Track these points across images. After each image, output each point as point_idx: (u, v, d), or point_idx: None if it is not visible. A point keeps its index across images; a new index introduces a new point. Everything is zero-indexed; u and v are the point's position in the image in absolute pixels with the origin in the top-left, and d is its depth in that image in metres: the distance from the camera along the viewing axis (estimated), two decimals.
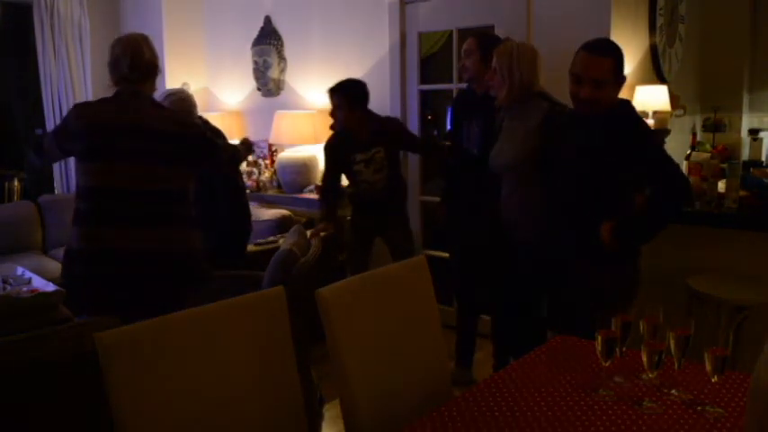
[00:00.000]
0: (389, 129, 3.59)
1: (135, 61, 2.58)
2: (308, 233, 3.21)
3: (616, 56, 2.40)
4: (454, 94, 4.20)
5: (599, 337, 1.60)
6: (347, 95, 3.47)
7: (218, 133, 3.46)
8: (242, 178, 3.62)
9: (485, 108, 3.06)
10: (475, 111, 3.21)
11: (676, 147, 3.95)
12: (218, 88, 5.58)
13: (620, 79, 2.41)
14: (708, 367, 1.53)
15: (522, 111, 2.83)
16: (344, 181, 3.79)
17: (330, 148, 3.67)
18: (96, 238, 2.51)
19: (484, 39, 3.22)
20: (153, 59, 2.65)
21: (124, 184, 2.52)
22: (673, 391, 1.61)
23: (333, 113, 3.55)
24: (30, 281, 3.10)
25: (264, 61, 5.17)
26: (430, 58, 4.47)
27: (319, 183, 4.65)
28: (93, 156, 2.55)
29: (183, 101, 3.30)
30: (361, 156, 3.52)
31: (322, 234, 3.29)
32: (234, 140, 3.56)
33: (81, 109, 2.64)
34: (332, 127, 3.69)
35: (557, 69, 3.51)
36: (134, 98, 2.60)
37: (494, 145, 2.93)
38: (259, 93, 5.29)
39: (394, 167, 3.61)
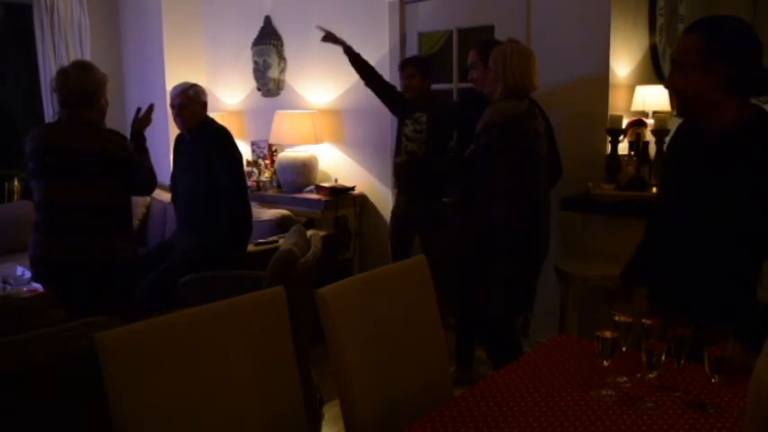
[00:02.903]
0: (440, 102, 3.93)
1: (63, 93, 2.91)
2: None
3: (709, 32, 1.78)
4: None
5: (599, 337, 1.60)
6: (422, 65, 3.81)
7: (223, 133, 3.48)
8: (245, 178, 3.62)
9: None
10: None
11: None
12: (218, 88, 5.58)
13: (714, 61, 1.75)
14: (708, 367, 1.53)
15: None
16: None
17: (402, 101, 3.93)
18: (38, 245, 2.90)
19: (484, 48, 3.24)
20: (87, 88, 2.92)
21: (60, 198, 2.87)
22: (673, 392, 1.61)
23: (407, 83, 3.81)
24: (30, 281, 3.10)
25: (264, 61, 5.17)
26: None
27: (319, 183, 4.66)
28: (38, 175, 2.93)
29: (203, 93, 3.54)
30: (410, 121, 3.80)
31: (321, 234, 3.31)
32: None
33: (30, 135, 2.98)
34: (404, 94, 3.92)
35: (557, 69, 3.53)
36: (70, 124, 2.92)
37: None
38: (259, 93, 5.29)
39: (435, 142, 3.68)
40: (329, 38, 4.02)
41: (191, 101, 3.45)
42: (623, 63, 3.70)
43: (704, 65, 1.76)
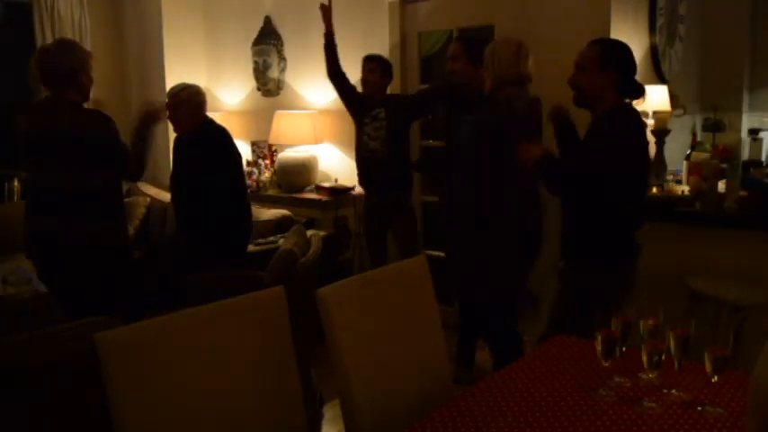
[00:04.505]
0: (394, 96, 4.04)
1: (44, 72, 2.89)
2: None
3: (604, 46, 2.47)
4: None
5: (599, 337, 1.60)
6: (385, 64, 3.95)
7: (222, 133, 3.48)
8: (244, 179, 3.62)
9: (476, 108, 3.09)
10: (467, 111, 3.23)
11: (676, 147, 3.95)
12: (218, 88, 5.58)
13: (606, 70, 2.40)
14: (708, 367, 1.53)
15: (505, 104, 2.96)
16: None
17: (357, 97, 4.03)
18: (29, 222, 2.97)
19: (470, 43, 3.28)
20: (67, 66, 2.88)
21: (43, 180, 2.89)
22: (673, 391, 1.61)
23: (366, 76, 3.92)
24: (30, 281, 3.11)
25: (264, 61, 5.17)
26: (430, 58, 4.48)
27: (319, 183, 4.66)
28: (24, 157, 2.96)
29: (197, 95, 3.46)
30: (368, 119, 3.88)
31: (321, 234, 3.31)
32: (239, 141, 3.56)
33: (19, 117, 2.97)
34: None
35: (556, 69, 3.52)
36: (52, 105, 2.91)
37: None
38: (259, 93, 5.29)
39: (395, 136, 3.81)
40: (326, 10, 4.02)
41: (182, 103, 3.43)
42: None
43: (600, 69, 2.40)
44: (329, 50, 4.00)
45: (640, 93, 2.46)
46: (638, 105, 2.54)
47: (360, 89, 4.00)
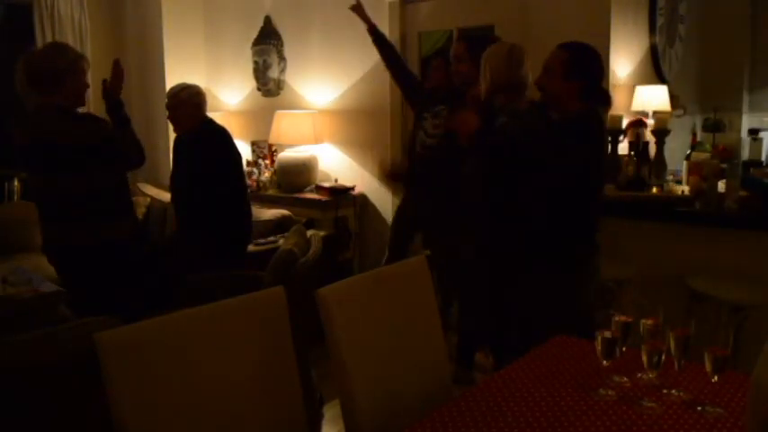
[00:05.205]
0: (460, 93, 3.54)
1: (30, 74, 2.84)
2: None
3: (573, 52, 2.44)
4: None
5: (599, 337, 1.60)
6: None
7: (222, 133, 3.48)
8: (244, 179, 3.63)
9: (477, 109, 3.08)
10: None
11: (676, 147, 3.95)
12: (218, 88, 5.58)
13: (572, 77, 2.40)
14: (708, 367, 1.53)
15: (508, 108, 2.89)
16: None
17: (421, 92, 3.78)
18: (43, 231, 2.96)
19: (473, 43, 3.24)
20: (52, 67, 2.80)
21: (46, 189, 2.88)
22: (673, 391, 1.61)
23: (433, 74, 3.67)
24: (30, 281, 3.10)
25: (264, 61, 5.17)
26: (430, 59, 4.48)
27: (319, 183, 4.66)
28: (27, 170, 3.00)
29: (196, 95, 3.46)
30: (429, 114, 3.61)
31: (322, 234, 3.31)
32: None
33: (15, 130, 2.94)
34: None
35: None
36: (37, 114, 2.86)
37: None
38: (259, 93, 5.29)
39: (453, 137, 3.35)
40: (357, 9, 3.87)
41: (182, 103, 3.43)
42: (623, 63, 3.70)
43: (564, 78, 2.39)
44: (378, 43, 3.81)
45: (606, 101, 2.48)
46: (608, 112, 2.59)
47: (427, 83, 3.75)
